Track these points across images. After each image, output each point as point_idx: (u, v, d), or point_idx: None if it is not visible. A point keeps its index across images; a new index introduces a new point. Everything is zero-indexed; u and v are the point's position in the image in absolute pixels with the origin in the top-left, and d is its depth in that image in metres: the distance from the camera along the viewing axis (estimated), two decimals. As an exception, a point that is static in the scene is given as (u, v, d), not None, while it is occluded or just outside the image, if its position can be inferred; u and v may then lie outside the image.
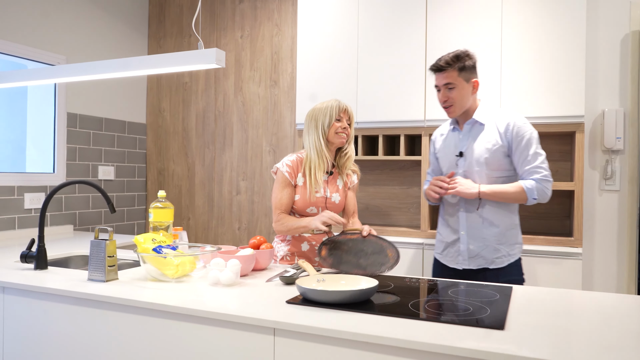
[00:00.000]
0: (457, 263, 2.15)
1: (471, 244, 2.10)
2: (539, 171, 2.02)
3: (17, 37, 3.20)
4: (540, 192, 2.01)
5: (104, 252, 1.79)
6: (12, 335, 1.81)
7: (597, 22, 2.97)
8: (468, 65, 2.05)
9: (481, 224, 2.09)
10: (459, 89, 2.05)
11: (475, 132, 2.11)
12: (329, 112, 2.18)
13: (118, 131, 3.98)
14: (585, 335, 1.28)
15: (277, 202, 2.18)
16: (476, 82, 2.08)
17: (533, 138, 2.05)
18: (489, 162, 2.06)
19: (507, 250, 2.09)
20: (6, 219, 3.13)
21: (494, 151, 2.05)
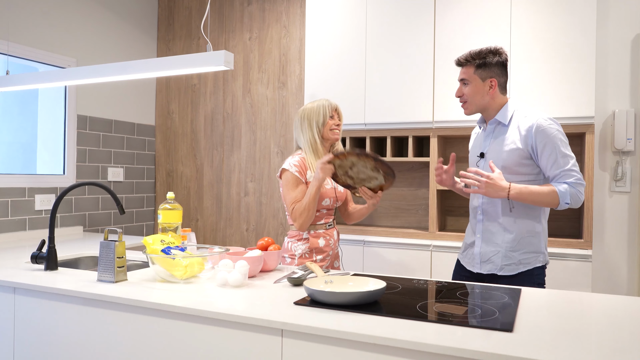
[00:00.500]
0: (472, 266, 2.10)
1: (484, 248, 2.04)
2: (572, 174, 1.90)
3: (28, 40, 3.23)
4: (573, 197, 1.89)
5: (114, 253, 1.81)
6: (22, 334, 1.83)
7: (608, 22, 2.94)
8: (490, 62, 1.98)
9: (496, 229, 2.02)
10: (472, 86, 2.00)
11: (497, 132, 2.04)
12: (322, 111, 2.28)
13: (127, 133, 4.01)
14: (595, 338, 1.27)
15: (293, 200, 2.22)
16: (494, 80, 1.99)
17: (560, 140, 1.92)
18: (507, 165, 1.96)
19: (520, 258, 1.98)
20: (17, 220, 3.16)
21: (512, 154, 1.95)
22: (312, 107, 2.31)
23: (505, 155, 1.97)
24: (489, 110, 2.04)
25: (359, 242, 3.10)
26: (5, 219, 3.09)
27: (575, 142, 2.99)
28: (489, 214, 2.04)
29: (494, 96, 2.02)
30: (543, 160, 1.93)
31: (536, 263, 1.99)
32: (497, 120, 2.03)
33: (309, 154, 2.29)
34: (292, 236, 2.32)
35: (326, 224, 2.33)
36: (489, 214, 2.04)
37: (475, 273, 2.08)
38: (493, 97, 2.02)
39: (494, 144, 2.03)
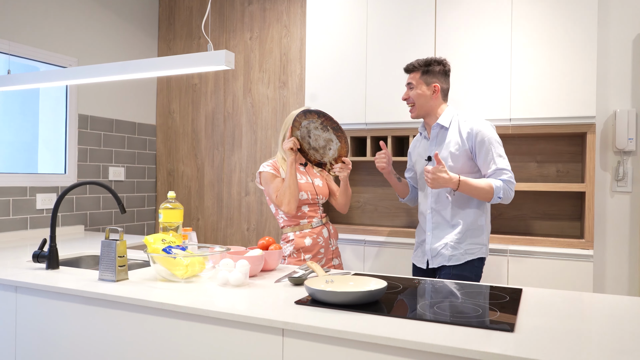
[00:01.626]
0: (422, 262, 2.29)
1: (434, 243, 2.23)
2: (505, 172, 2.11)
3: (29, 40, 3.23)
4: (505, 192, 2.09)
5: (115, 252, 1.81)
6: (24, 333, 1.83)
7: (609, 22, 2.94)
8: (434, 70, 2.19)
9: (444, 225, 2.22)
10: (416, 90, 2.20)
11: (441, 136, 2.22)
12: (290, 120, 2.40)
13: (128, 132, 4.01)
14: (596, 339, 1.27)
15: (275, 189, 2.32)
16: (436, 86, 2.19)
17: (495, 141, 2.13)
18: (454, 166, 2.16)
19: (465, 248, 2.17)
20: (18, 219, 3.17)
21: (458, 155, 2.15)
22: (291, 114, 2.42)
23: (452, 156, 2.17)
24: (432, 115, 2.24)
25: (359, 241, 3.10)
26: (6, 218, 3.09)
27: (576, 142, 2.99)
28: (437, 212, 2.23)
29: (437, 101, 2.22)
30: (480, 160, 2.14)
31: (479, 254, 2.20)
32: (439, 124, 2.21)
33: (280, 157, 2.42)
34: (282, 239, 2.42)
35: (310, 223, 2.38)
36: (438, 212, 2.23)
37: (425, 269, 2.28)
38: (436, 102, 2.22)
39: (439, 147, 2.22)
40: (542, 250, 2.70)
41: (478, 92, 2.86)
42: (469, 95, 2.88)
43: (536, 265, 2.71)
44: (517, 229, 3.09)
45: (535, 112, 2.74)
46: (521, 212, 3.10)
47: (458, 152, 2.15)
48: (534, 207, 3.07)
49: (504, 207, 3.12)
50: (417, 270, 2.35)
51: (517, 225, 3.09)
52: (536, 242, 2.73)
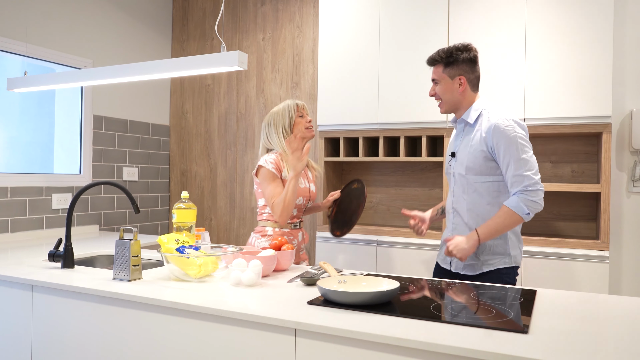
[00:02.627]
0: (444, 263, 2.14)
1: None
2: (522, 180, 1.86)
3: (45, 42, 3.28)
4: (529, 206, 1.86)
5: (129, 252, 1.82)
6: (40, 331, 1.86)
7: (625, 19, 2.90)
8: (457, 59, 1.97)
9: (464, 228, 2.04)
10: (442, 85, 2.01)
11: (466, 132, 2.04)
12: (287, 113, 2.32)
13: (142, 133, 4.04)
14: (611, 341, 1.25)
15: (272, 194, 2.24)
16: (462, 78, 1.98)
17: (517, 142, 1.87)
18: (471, 167, 1.97)
19: (484, 259, 1.98)
20: (34, 219, 3.21)
21: (475, 155, 1.95)
22: (277, 111, 2.35)
23: (469, 155, 1.98)
24: (460, 108, 2.04)
25: (372, 242, 3.10)
26: (23, 217, 3.14)
27: (592, 141, 2.96)
28: (458, 214, 2.07)
29: (465, 94, 2.01)
30: (500, 162, 1.92)
31: (500, 265, 1.98)
32: (463, 119, 2.04)
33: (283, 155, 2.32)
34: (257, 231, 2.37)
35: (292, 224, 2.37)
36: (458, 213, 2.07)
37: (445, 269, 2.12)
38: (464, 95, 2.01)
39: (462, 144, 2.04)
40: (557, 251, 2.67)
41: (492, 91, 2.84)
42: (483, 95, 2.85)
43: (551, 266, 2.68)
44: (531, 230, 3.06)
45: (550, 111, 2.72)
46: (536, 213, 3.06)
47: (476, 152, 1.95)
48: (549, 207, 3.03)
49: (518, 208, 3.09)
50: (441, 271, 2.16)
51: (531, 226, 3.06)
52: (551, 243, 2.70)
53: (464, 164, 1.99)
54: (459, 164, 2.02)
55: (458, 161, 2.03)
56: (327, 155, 3.36)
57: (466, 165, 1.98)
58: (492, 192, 1.97)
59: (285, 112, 2.33)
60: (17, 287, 1.91)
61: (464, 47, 1.99)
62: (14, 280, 1.90)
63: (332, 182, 3.46)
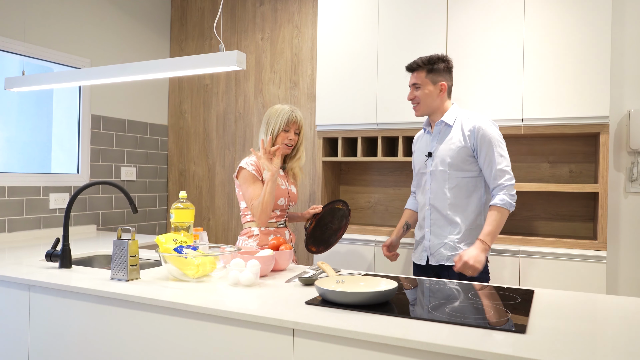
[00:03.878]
0: (421, 259, 2.28)
1: (432, 241, 2.22)
2: (503, 175, 2.09)
3: (43, 41, 3.27)
4: (512, 199, 2.08)
5: (127, 252, 1.82)
6: (37, 331, 1.86)
7: (623, 20, 2.91)
8: (438, 68, 2.17)
9: (443, 223, 2.20)
10: (423, 89, 2.18)
11: (443, 133, 2.21)
12: (279, 121, 2.31)
13: (140, 133, 4.04)
14: (609, 341, 1.25)
15: (251, 196, 2.27)
16: (444, 84, 2.18)
17: (497, 141, 2.11)
18: (453, 163, 2.15)
19: (464, 248, 2.14)
20: (32, 219, 3.20)
21: (458, 152, 2.14)
22: (275, 110, 2.35)
23: (451, 153, 2.16)
24: (437, 113, 2.22)
25: (370, 242, 3.10)
26: (20, 217, 3.13)
27: (590, 142, 2.96)
28: (436, 210, 2.22)
29: (443, 99, 2.21)
30: (481, 158, 2.13)
31: None
32: (443, 121, 2.20)
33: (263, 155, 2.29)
34: (243, 234, 2.39)
35: (277, 222, 2.39)
36: (436, 209, 2.22)
37: (423, 265, 2.27)
38: (442, 100, 2.21)
39: (440, 144, 2.20)
40: (555, 252, 2.67)
41: (490, 91, 2.84)
42: (481, 95, 2.86)
43: (548, 267, 2.69)
44: (529, 230, 3.06)
45: (548, 112, 2.72)
46: (533, 213, 3.07)
47: (458, 149, 2.14)
48: (547, 207, 3.04)
49: (516, 208, 3.10)
50: (417, 268, 2.33)
51: (529, 226, 3.06)
52: (548, 243, 2.71)
53: (445, 161, 2.17)
54: (439, 161, 2.19)
55: (437, 159, 2.20)
56: (326, 155, 3.36)
57: (448, 162, 2.16)
58: (470, 187, 2.17)
59: (279, 118, 2.33)
60: (14, 287, 1.91)
61: (442, 57, 2.20)
62: (11, 280, 1.90)
63: (331, 183, 3.46)
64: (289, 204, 2.44)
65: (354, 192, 3.59)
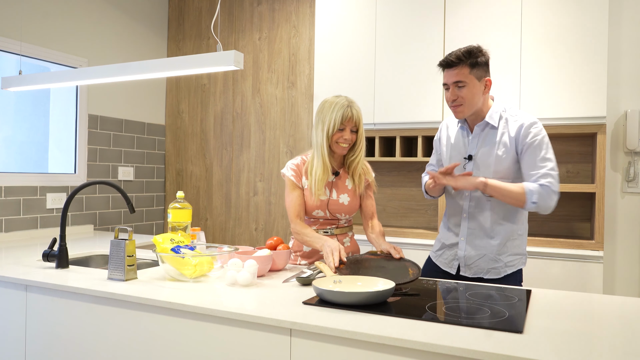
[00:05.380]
0: (450, 267, 2.04)
1: (469, 252, 1.98)
2: (546, 177, 1.81)
3: (40, 41, 3.26)
4: (541, 198, 1.79)
5: (124, 252, 1.82)
6: (34, 331, 1.85)
7: (620, 21, 2.92)
8: (481, 61, 1.86)
9: (482, 233, 1.96)
10: (469, 88, 1.85)
11: (486, 135, 1.93)
12: (334, 117, 2.02)
13: (138, 132, 4.03)
14: (606, 340, 1.26)
15: (290, 205, 2.12)
16: (489, 80, 1.89)
17: (543, 142, 1.85)
18: (498, 169, 1.89)
19: (505, 261, 1.95)
20: (29, 219, 3.20)
21: (505, 159, 1.89)
22: (329, 104, 2.05)
23: (497, 159, 1.90)
24: (480, 112, 1.93)
25: (368, 242, 3.09)
26: (17, 217, 3.13)
27: (586, 142, 2.97)
28: (474, 218, 1.97)
29: (486, 97, 1.92)
30: (524, 160, 1.86)
31: (520, 265, 1.98)
32: (487, 122, 1.92)
33: (317, 160, 2.07)
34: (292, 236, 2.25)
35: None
36: (475, 218, 1.97)
37: (453, 275, 2.03)
38: (486, 98, 1.92)
39: (483, 147, 1.93)
40: (552, 252, 2.68)
41: (487, 92, 2.84)
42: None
43: (545, 267, 2.69)
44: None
45: (545, 112, 2.72)
46: (530, 213, 3.07)
47: (505, 155, 1.88)
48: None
49: (513, 208, 3.10)
50: (442, 274, 2.07)
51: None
52: (545, 243, 2.71)
53: (490, 167, 1.90)
54: (483, 167, 1.92)
55: (480, 165, 1.92)
56: (323, 155, 3.35)
57: (494, 169, 1.90)
58: None
59: (332, 114, 2.02)
60: (11, 287, 1.91)
61: (480, 49, 1.89)
62: (8, 280, 1.89)
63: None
64: (334, 215, 2.14)
65: (351, 192, 3.59)
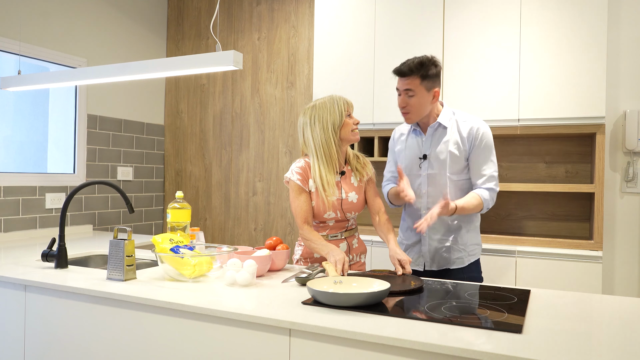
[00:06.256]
0: (417, 265, 2.18)
1: (432, 246, 2.13)
2: (492, 180, 2.05)
3: (39, 41, 3.26)
4: (492, 202, 2.05)
5: (123, 252, 1.82)
6: (33, 331, 1.85)
7: (619, 21, 2.92)
8: (431, 73, 1.99)
9: (442, 226, 2.12)
10: (418, 97, 2.00)
11: (438, 135, 2.10)
12: (338, 110, 2.03)
13: (137, 132, 4.03)
14: (606, 341, 1.26)
15: (297, 211, 2.06)
16: (437, 92, 2.04)
17: (491, 144, 2.08)
18: (451, 165, 2.07)
19: (468, 250, 2.13)
20: (28, 219, 3.19)
21: (457, 156, 2.06)
22: (323, 104, 2.05)
23: (450, 156, 2.07)
24: (431, 114, 2.10)
25: (367, 242, 3.10)
26: (16, 217, 3.12)
27: (586, 142, 2.97)
28: None
29: (434, 105, 2.08)
30: (473, 160, 2.06)
31: (478, 254, 2.17)
32: (439, 123, 2.09)
33: (320, 160, 2.04)
34: (298, 241, 2.23)
35: (328, 235, 2.11)
36: None
37: (421, 271, 2.17)
38: (433, 106, 2.08)
39: (436, 146, 2.10)
40: (551, 252, 2.68)
41: (486, 92, 2.85)
42: (478, 95, 2.87)
43: (544, 267, 2.69)
44: (525, 230, 3.07)
45: (544, 112, 2.73)
46: (529, 213, 3.08)
47: (458, 151, 2.06)
48: (543, 208, 3.05)
49: (513, 208, 3.11)
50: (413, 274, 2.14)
51: (525, 226, 3.07)
52: (544, 243, 2.72)
53: (445, 163, 2.08)
54: (437, 164, 2.09)
55: (434, 162, 2.09)
56: (322, 155, 3.35)
57: (447, 164, 2.07)
58: (465, 189, 2.10)
59: (334, 108, 2.03)
60: (10, 287, 1.90)
61: (433, 60, 2.01)
62: (7, 280, 1.89)
63: (327, 182, 3.46)
64: (344, 215, 2.10)
65: (350, 192, 3.59)
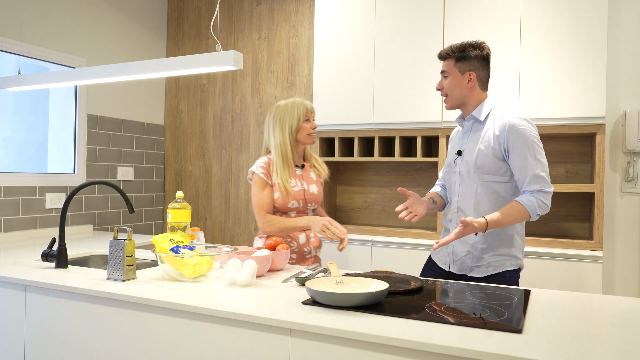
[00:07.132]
0: (444, 264, 2.07)
1: (457, 247, 2.01)
2: (538, 181, 1.84)
3: (39, 41, 3.26)
4: (541, 207, 1.85)
5: (123, 252, 1.82)
6: (33, 331, 1.85)
7: (620, 21, 2.92)
8: (469, 55, 1.92)
9: None
10: (450, 79, 1.96)
11: (474, 130, 1.98)
12: (296, 113, 2.18)
13: (137, 132, 4.03)
14: (605, 340, 1.26)
15: (260, 203, 2.18)
16: (472, 74, 1.93)
17: (533, 142, 1.85)
18: (480, 165, 1.92)
19: (489, 260, 1.95)
20: (28, 219, 3.19)
21: (486, 154, 1.90)
22: (285, 107, 2.20)
23: (479, 153, 1.92)
24: (468, 105, 1.98)
25: (367, 242, 3.10)
26: (16, 217, 3.12)
27: (586, 142, 2.97)
28: (463, 214, 1.99)
29: (473, 91, 1.96)
30: (512, 161, 1.88)
31: (507, 266, 1.96)
32: (472, 116, 1.98)
33: (277, 157, 2.19)
34: (259, 235, 2.30)
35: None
36: (464, 214, 1.99)
37: (446, 271, 2.06)
38: (472, 92, 1.96)
39: (471, 142, 1.98)
40: (551, 252, 2.68)
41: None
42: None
43: (545, 267, 2.69)
44: (525, 230, 3.07)
45: (544, 112, 2.73)
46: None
47: (486, 148, 1.90)
48: (543, 208, 3.04)
49: (512, 208, 3.11)
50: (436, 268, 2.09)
51: (525, 226, 3.06)
52: (544, 243, 2.72)
53: (471, 162, 1.94)
54: (468, 162, 1.96)
55: (466, 160, 1.97)
56: (322, 155, 3.36)
57: (474, 163, 1.93)
58: (501, 193, 1.93)
59: (294, 111, 2.19)
60: (10, 287, 1.90)
61: (477, 44, 1.95)
62: (7, 280, 1.89)
63: (328, 183, 3.46)
64: (305, 205, 2.25)
65: (350, 192, 3.60)
